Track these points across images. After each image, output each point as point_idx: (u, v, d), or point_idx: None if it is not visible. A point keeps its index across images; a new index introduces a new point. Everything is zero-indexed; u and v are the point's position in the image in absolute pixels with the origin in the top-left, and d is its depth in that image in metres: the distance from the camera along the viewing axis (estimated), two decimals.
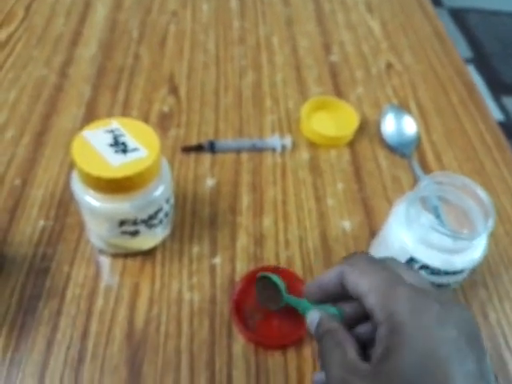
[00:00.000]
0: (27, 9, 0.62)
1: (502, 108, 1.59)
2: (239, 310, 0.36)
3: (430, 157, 0.50)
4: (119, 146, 0.33)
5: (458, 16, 1.95)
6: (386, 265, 0.25)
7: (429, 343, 0.21)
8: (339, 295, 0.26)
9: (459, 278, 0.35)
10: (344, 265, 0.26)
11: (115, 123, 0.34)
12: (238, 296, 0.36)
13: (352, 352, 0.23)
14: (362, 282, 0.24)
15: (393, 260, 0.26)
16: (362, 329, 0.25)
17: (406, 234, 0.34)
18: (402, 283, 0.23)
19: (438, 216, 0.37)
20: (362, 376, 0.22)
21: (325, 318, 0.26)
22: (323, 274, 0.27)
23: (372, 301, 0.23)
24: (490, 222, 0.33)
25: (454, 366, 0.20)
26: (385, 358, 0.21)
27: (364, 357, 0.24)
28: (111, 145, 0.33)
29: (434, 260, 0.33)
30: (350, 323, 0.26)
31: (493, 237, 0.43)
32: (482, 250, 0.34)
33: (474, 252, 0.34)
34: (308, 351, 0.35)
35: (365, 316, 0.25)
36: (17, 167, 0.44)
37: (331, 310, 0.27)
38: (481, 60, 1.76)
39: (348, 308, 0.26)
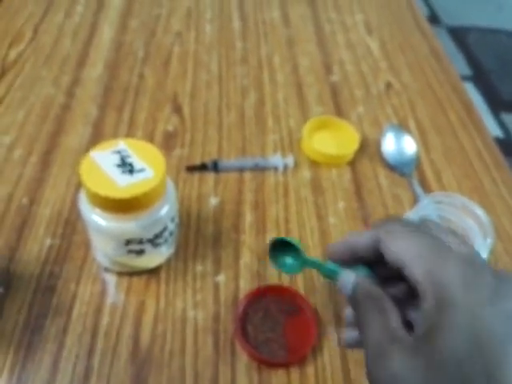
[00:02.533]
0: (35, 30, 0.64)
1: (502, 125, 1.61)
2: (243, 327, 0.36)
3: (429, 175, 0.51)
4: (126, 166, 0.34)
5: (457, 34, 1.98)
6: (428, 230, 0.22)
7: (482, 322, 0.19)
8: (368, 260, 0.24)
9: None
10: (380, 230, 0.23)
11: (122, 144, 0.35)
12: (241, 314, 0.37)
13: (395, 320, 0.21)
14: (404, 250, 0.21)
15: (434, 224, 0.23)
16: (394, 290, 0.24)
17: None
18: (452, 253, 0.21)
19: None
20: (403, 348, 0.20)
21: (363, 282, 0.24)
22: (355, 236, 0.24)
23: (417, 271, 0.21)
24: (489, 242, 0.33)
25: (510, 346, 0.18)
26: (431, 335, 0.19)
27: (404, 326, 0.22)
28: (118, 165, 0.34)
29: None
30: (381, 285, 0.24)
31: (492, 255, 0.44)
32: None
33: None
34: (311, 369, 0.35)
35: (395, 277, 0.23)
36: (24, 186, 0.45)
37: (363, 271, 0.25)
38: (480, 77, 1.78)
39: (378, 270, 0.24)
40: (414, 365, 0.19)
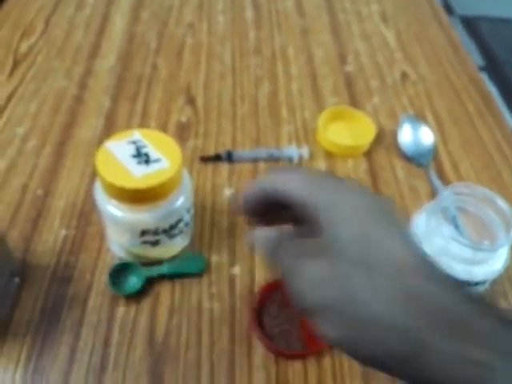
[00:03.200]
0: (47, 22, 0.64)
1: None
2: (259, 319, 0.36)
3: (447, 166, 0.50)
4: (142, 156, 0.33)
5: (470, 24, 1.95)
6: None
7: (356, 207, 0.24)
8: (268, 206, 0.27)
9: (480, 288, 0.34)
10: (270, 174, 0.27)
11: (137, 134, 0.35)
12: (257, 306, 0.36)
13: (309, 243, 0.25)
14: (291, 182, 0.26)
15: None
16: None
17: (427, 245, 0.34)
18: (324, 175, 0.27)
19: (456, 226, 0.37)
20: (311, 257, 0.24)
21: (283, 234, 0.27)
22: (251, 187, 0.27)
23: (304, 192, 0.25)
24: None
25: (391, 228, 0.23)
26: (328, 231, 0.23)
27: None
28: (134, 156, 0.33)
29: (455, 271, 0.33)
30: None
31: None
32: (504, 260, 0.34)
33: (495, 263, 0.34)
34: (328, 361, 0.35)
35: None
36: (39, 177, 0.45)
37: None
38: (493, 68, 1.75)
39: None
40: (322, 264, 0.23)
